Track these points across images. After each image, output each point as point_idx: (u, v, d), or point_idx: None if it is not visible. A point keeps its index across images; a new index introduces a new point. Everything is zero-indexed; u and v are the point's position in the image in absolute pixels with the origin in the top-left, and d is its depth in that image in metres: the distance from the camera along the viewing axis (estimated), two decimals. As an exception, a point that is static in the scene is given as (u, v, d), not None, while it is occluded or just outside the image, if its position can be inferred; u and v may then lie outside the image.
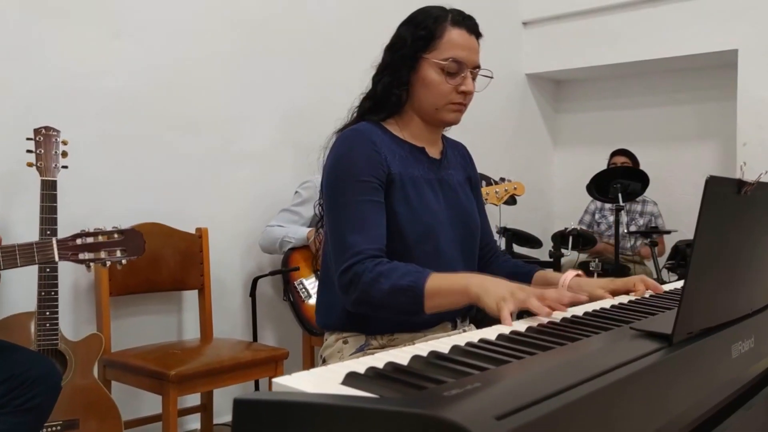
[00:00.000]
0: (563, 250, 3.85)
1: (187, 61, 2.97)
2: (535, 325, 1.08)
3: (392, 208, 1.48)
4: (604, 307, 1.26)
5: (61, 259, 1.88)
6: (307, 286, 2.89)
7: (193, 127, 2.99)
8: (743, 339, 1.08)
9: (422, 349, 0.91)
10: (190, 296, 2.94)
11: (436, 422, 0.58)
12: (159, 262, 2.72)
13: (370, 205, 1.44)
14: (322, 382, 0.76)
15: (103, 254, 1.91)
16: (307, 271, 2.93)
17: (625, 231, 4.10)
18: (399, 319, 1.48)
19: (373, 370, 0.78)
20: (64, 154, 2.26)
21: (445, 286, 1.33)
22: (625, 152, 4.42)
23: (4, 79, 2.47)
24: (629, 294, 1.48)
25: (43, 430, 2.05)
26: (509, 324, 1.15)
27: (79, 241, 1.89)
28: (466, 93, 1.53)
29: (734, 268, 1.05)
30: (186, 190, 2.97)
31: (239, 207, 3.15)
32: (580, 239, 3.88)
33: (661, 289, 1.49)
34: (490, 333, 1.02)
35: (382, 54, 1.59)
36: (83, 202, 2.62)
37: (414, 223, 1.49)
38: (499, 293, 1.23)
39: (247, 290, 3.01)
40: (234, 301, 3.14)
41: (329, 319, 1.58)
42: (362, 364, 0.81)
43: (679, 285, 1.67)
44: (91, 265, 1.90)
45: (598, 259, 4.10)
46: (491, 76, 1.58)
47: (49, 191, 2.20)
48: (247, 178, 3.18)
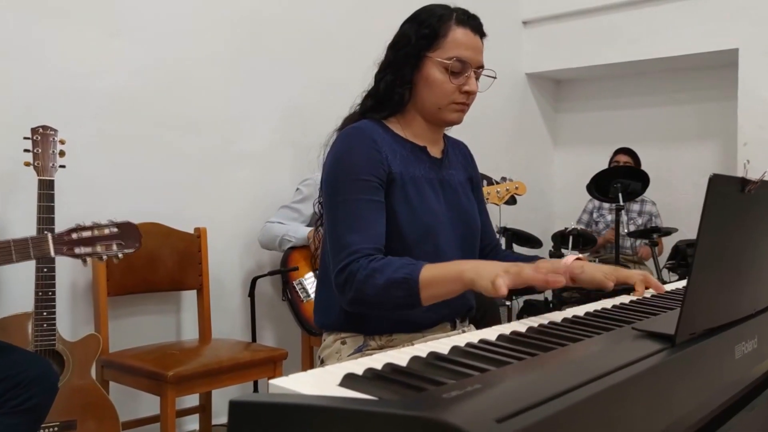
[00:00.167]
0: (563, 250, 3.85)
1: (186, 61, 2.95)
2: (535, 325, 1.06)
3: (392, 207, 1.47)
4: (605, 307, 1.24)
5: (57, 253, 1.85)
6: (306, 286, 2.88)
7: (192, 126, 2.98)
8: (746, 339, 1.07)
9: (421, 349, 0.89)
10: (189, 296, 2.93)
11: (436, 425, 0.56)
12: (157, 262, 2.71)
13: (369, 204, 1.43)
14: (320, 384, 0.75)
15: (100, 248, 1.89)
16: (306, 271, 2.91)
17: (625, 231, 4.09)
18: (397, 316, 1.46)
19: (371, 372, 0.76)
20: (62, 154, 2.24)
21: (440, 275, 1.31)
22: (629, 151, 4.41)
23: (1, 78, 2.46)
24: (629, 291, 1.47)
25: (41, 431, 2.04)
26: (504, 292, 1.14)
27: (75, 236, 1.87)
28: (469, 93, 1.51)
29: (737, 267, 1.03)
30: (184, 189, 2.95)
31: (238, 207, 3.14)
32: (581, 239, 3.87)
33: (663, 289, 1.47)
34: (490, 333, 1.01)
35: (384, 51, 1.57)
36: (81, 202, 2.61)
37: (414, 224, 1.48)
38: (493, 272, 1.22)
39: (246, 290, 3.00)
40: (233, 302, 3.12)
41: (327, 319, 1.57)
42: (360, 365, 0.80)
43: (680, 285, 1.66)
44: (88, 259, 1.88)
45: (598, 259, 4.10)
46: (494, 76, 1.56)
47: (47, 191, 2.19)
48: (246, 177, 3.17)
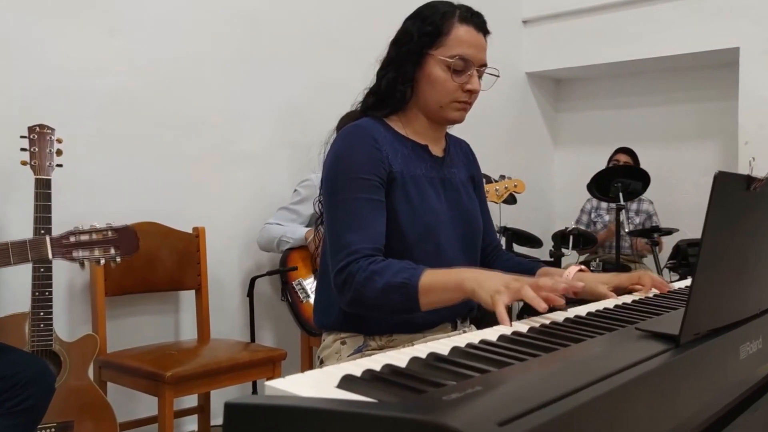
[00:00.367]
0: (564, 250, 3.83)
1: (184, 60, 2.94)
2: (537, 325, 1.05)
3: (393, 206, 1.45)
4: (607, 307, 1.23)
5: (55, 256, 1.85)
6: (306, 286, 2.86)
7: (191, 126, 2.96)
8: (751, 340, 1.05)
9: (421, 350, 0.88)
10: (187, 296, 2.91)
11: (436, 428, 0.55)
12: (155, 261, 2.69)
13: (369, 204, 1.41)
14: (317, 385, 0.74)
15: (97, 252, 1.89)
16: (306, 271, 2.90)
17: (625, 231, 4.07)
18: (396, 319, 1.45)
19: (369, 373, 0.75)
20: (59, 153, 2.23)
21: (440, 282, 1.30)
22: (628, 151, 4.39)
23: (-2, 77, 2.45)
24: (634, 289, 1.46)
25: (37, 432, 2.03)
26: (504, 317, 1.13)
27: (73, 239, 1.86)
28: (471, 91, 1.50)
29: (742, 266, 1.02)
30: (183, 189, 2.94)
31: (237, 207, 3.12)
32: (581, 239, 3.86)
33: (666, 287, 1.46)
34: (491, 334, 1.00)
35: (386, 48, 1.55)
36: (79, 202, 2.59)
37: (414, 223, 1.47)
38: (493, 286, 1.20)
39: (245, 290, 2.98)
40: (231, 302, 3.11)
41: (327, 319, 1.55)
42: (359, 367, 0.78)
43: (682, 285, 1.64)
44: (85, 263, 1.88)
45: (598, 259, 4.08)
46: (497, 75, 1.54)
47: (44, 190, 2.17)
48: (245, 177, 3.15)
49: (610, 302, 1.30)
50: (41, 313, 2.15)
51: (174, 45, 2.90)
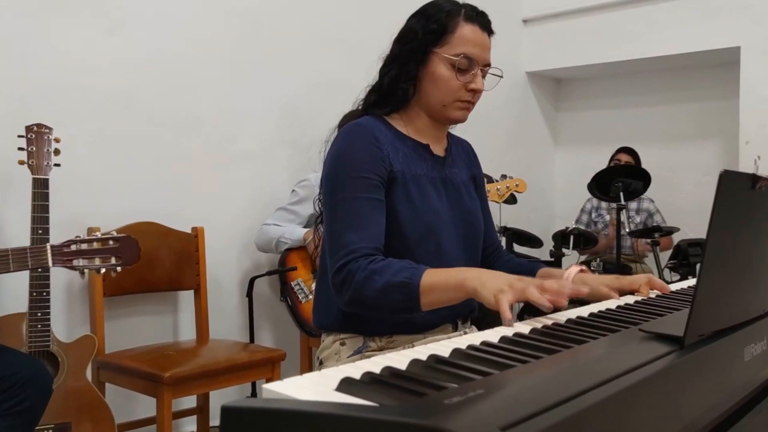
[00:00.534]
0: (564, 250, 3.82)
1: (183, 59, 2.92)
2: (539, 326, 1.03)
3: (393, 206, 1.44)
4: (609, 308, 1.21)
5: (55, 265, 1.85)
6: (305, 287, 2.85)
7: (190, 125, 2.95)
8: (756, 341, 1.04)
9: (421, 352, 0.86)
10: (186, 297, 2.90)
11: (437, 433, 0.53)
12: (154, 262, 2.68)
13: (368, 203, 1.40)
14: (316, 388, 0.72)
15: (98, 261, 1.89)
16: (305, 271, 2.89)
17: (626, 230, 4.06)
18: (396, 319, 1.43)
19: (369, 376, 0.73)
20: (57, 152, 2.22)
21: (441, 281, 1.28)
22: (630, 151, 4.38)
23: (-5, 76, 2.43)
24: (634, 294, 1.44)
25: (35, 434, 2.01)
26: (508, 316, 1.11)
27: (74, 247, 1.86)
28: (475, 91, 1.48)
29: (747, 267, 1.01)
30: (182, 189, 2.92)
31: (236, 206, 3.11)
32: (581, 239, 3.84)
33: (668, 289, 1.45)
34: (493, 335, 0.98)
35: (390, 46, 1.54)
36: (77, 201, 2.58)
37: (415, 223, 1.45)
38: (497, 285, 1.19)
39: (244, 290, 2.97)
40: (230, 302, 3.10)
41: (326, 320, 1.54)
42: (358, 369, 0.77)
43: (684, 285, 1.63)
44: (85, 271, 1.88)
45: (599, 259, 4.07)
46: (501, 75, 1.53)
47: (41, 190, 2.16)
48: (244, 177, 3.14)
49: (612, 303, 1.28)
50: (39, 314, 2.13)
51: (173, 43, 2.89)
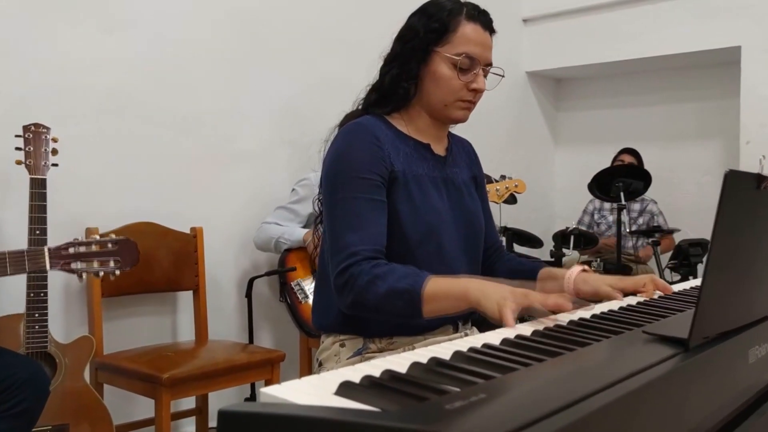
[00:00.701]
0: (564, 250, 3.81)
1: (181, 58, 2.91)
2: (541, 328, 1.02)
3: (394, 206, 1.42)
4: (612, 310, 1.20)
5: (53, 268, 1.84)
6: (304, 287, 2.84)
7: (188, 125, 2.93)
8: (760, 343, 1.03)
9: (422, 355, 0.85)
10: (185, 297, 2.88)
11: (438, 439, 0.52)
12: (153, 262, 2.66)
13: (369, 203, 1.38)
14: (314, 392, 0.71)
15: (96, 264, 1.87)
16: (305, 272, 2.87)
17: (627, 231, 4.05)
18: (397, 322, 1.42)
19: (368, 379, 0.72)
20: (54, 152, 2.20)
21: (444, 290, 1.28)
22: (633, 152, 4.36)
23: (-7, 75, 2.42)
24: (637, 294, 1.43)
25: (32, 435, 2.00)
26: (511, 324, 1.11)
27: (72, 250, 1.84)
28: (476, 91, 1.47)
29: (751, 267, 0.99)
30: (181, 189, 2.91)
31: (235, 206, 3.09)
32: (582, 239, 3.83)
33: (670, 290, 1.43)
34: (494, 337, 0.97)
35: (390, 44, 1.52)
36: (75, 201, 2.57)
37: (416, 223, 1.44)
38: (499, 293, 1.19)
39: (243, 291, 2.96)
40: (229, 302, 3.08)
41: (326, 320, 1.52)
42: (358, 372, 0.76)
43: (686, 286, 1.62)
44: (84, 274, 1.86)
45: (599, 259, 4.05)
46: (502, 75, 1.52)
47: (39, 190, 2.14)
48: (243, 176, 3.12)
49: (614, 304, 1.27)
50: (36, 315, 2.12)
51: (171, 43, 2.87)
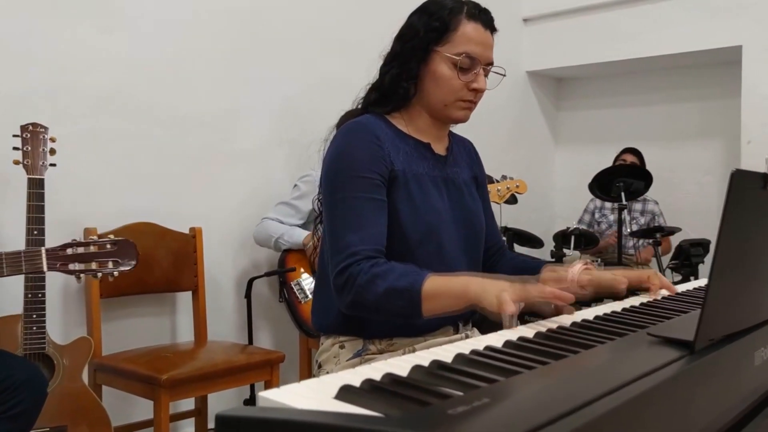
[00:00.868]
0: (565, 250, 3.80)
1: (179, 57, 2.89)
2: (543, 330, 1.01)
3: (394, 206, 1.41)
4: (615, 311, 1.19)
5: (50, 269, 1.82)
6: (304, 287, 2.82)
7: (187, 124, 2.92)
8: (766, 345, 1.01)
9: (423, 357, 0.84)
10: (184, 298, 2.87)
11: (441, 446, 0.51)
12: (152, 262, 2.65)
13: (369, 203, 1.37)
14: (314, 396, 0.69)
15: (94, 265, 1.85)
16: (304, 272, 2.86)
17: (628, 231, 4.03)
18: (397, 322, 1.41)
19: (369, 383, 0.71)
20: (52, 152, 2.19)
21: (444, 288, 1.27)
22: (635, 151, 4.35)
23: (-10, 75, 2.40)
24: (642, 288, 1.42)
25: (30, 437, 1.98)
26: (511, 309, 1.11)
27: (70, 251, 1.83)
28: (477, 90, 1.45)
29: (758, 268, 0.98)
30: (179, 188, 2.89)
31: (234, 206, 3.08)
32: (582, 239, 3.82)
33: (674, 289, 1.42)
34: (496, 339, 0.95)
35: (390, 43, 1.51)
36: (73, 201, 2.55)
37: (416, 223, 1.42)
38: (498, 287, 1.19)
39: (243, 291, 2.94)
40: (229, 303, 3.07)
41: (326, 321, 1.51)
42: (358, 375, 0.74)
43: (689, 286, 1.60)
44: (82, 276, 1.85)
45: (600, 259, 4.04)
46: (504, 74, 1.50)
47: (37, 190, 2.13)
48: (242, 176, 3.11)
49: (617, 305, 1.26)
50: (34, 316, 2.10)
51: (169, 41, 2.86)
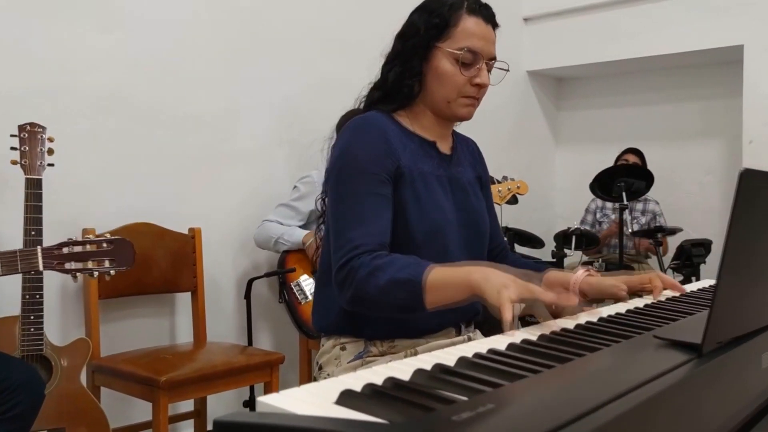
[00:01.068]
0: (566, 250, 3.78)
1: (179, 57, 2.88)
2: (547, 332, 0.99)
3: (401, 204, 1.39)
4: (619, 312, 1.17)
5: (46, 268, 1.80)
6: (304, 288, 2.81)
7: (186, 124, 2.90)
8: (773, 347, 1.00)
9: (425, 361, 0.82)
10: (183, 298, 2.85)
11: (445, 455, 0.49)
12: (150, 263, 2.63)
13: (374, 198, 1.35)
14: (314, 401, 0.68)
15: (91, 264, 1.83)
16: (304, 272, 2.84)
17: (629, 231, 4.02)
18: (398, 317, 1.37)
19: (370, 388, 0.69)
20: (50, 152, 2.17)
21: (446, 277, 1.23)
22: (637, 152, 4.33)
23: (-12, 74, 2.39)
24: (645, 290, 1.40)
25: (28, 439, 1.97)
26: (508, 319, 1.08)
27: (66, 250, 1.81)
28: (480, 86, 1.44)
29: (765, 269, 0.96)
30: (178, 189, 2.87)
31: (233, 206, 3.06)
32: (584, 239, 3.80)
33: (678, 287, 1.41)
34: (499, 342, 0.94)
35: (392, 42, 1.49)
36: (71, 202, 2.53)
37: (422, 222, 1.40)
38: (501, 280, 1.16)
39: (242, 292, 2.92)
40: (228, 304, 3.05)
41: (326, 321, 1.49)
42: (359, 380, 0.73)
43: (693, 287, 1.59)
44: (78, 275, 1.83)
45: (601, 259, 4.03)
46: (507, 69, 1.49)
47: (34, 190, 2.11)
48: (242, 176, 3.09)
49: (622, 307, 1.24)
50: (32, 317, 2.08)
51: (169, 41, 2.84)
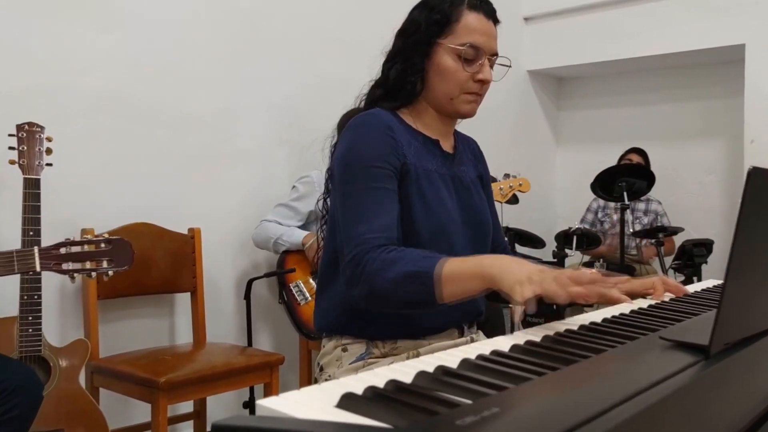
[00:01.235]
0: (567, 250, 3.76)
1: (178, 57, 2.86)
2: (551, 334, 0.98)
3: (406, 200, 1.38)
4: (623, 313, 1.15)
5: (43, 269, 1.78)
6: (304, 290, 2.79)
7: (185, 124, 2.89)
8: (780, 348, 0.98)
9: (427, 363, 0.81)
10: (183, 299, 2.84)
11: (450, 461, 0.48)
12: (150, 263, 2.62)
13: (381, 193, 1.33)
14: (314, 405, 0.66)
15: (89, 265, 1.81)
16: (304, 273, 2.83)
17: (630, 230, 4.00)
18: (408, 312, 1.35)
19: (372, 391, 0.67)
20: (49, 152, 2.15)
21: (459, 269, 1.21)
22: (641, 152, 4.32)
23: (-14, 74, 2.37)
24: (647, 296, 1.39)
25: (26, 441, 1.95)
26: (516, 321, 1.06)
27: (63, 251, 1.79)
28: (483, 81, 1.43)
29: (772, 270, 0.95)
30: (178, 189, 2.86)
31: (233, 207, 3.05)
32: (585, 239, 3.79)
33: (683, 290, 1.39)
34: (503, 343, 0.92)
35: (392, 40, 1.48)
36: (69, 202, 2.52)
37: (428, 220, 1.39)
38: (516, 276, 1.13)
39: (242, 293, 2.91)
40: (228, 304, 3.04)
41: (327, 321, 1.47)
42: (360, 382, 0.71)
43: (697, 287, 1.57)
44: (76, 276, 1.81)
45: (602, 260, 4.01)
46: (509, 65, 1.48)
47: (33, 190, 2.10)
48: (241, 176, 3.08)
49: (625, 307, 1.22)
50: (30, 318, 2.07)
51: (169, 41, 2.83)
